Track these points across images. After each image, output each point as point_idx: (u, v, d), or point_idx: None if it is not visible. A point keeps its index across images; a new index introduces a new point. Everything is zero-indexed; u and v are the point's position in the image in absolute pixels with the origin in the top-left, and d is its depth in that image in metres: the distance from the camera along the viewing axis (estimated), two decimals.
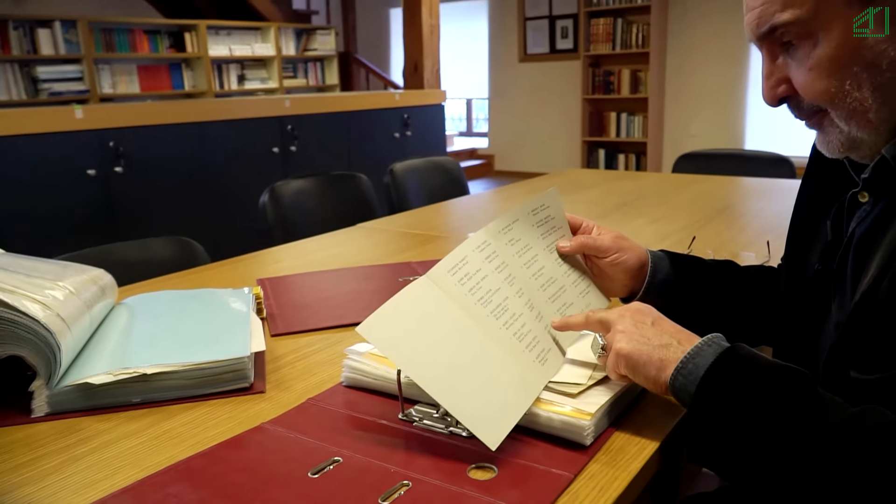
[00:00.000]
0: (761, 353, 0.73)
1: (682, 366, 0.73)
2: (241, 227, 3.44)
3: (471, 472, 0.70)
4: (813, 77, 0.72)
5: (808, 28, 0.70)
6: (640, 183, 2.55)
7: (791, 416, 0.65)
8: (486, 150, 8.69)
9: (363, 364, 0.89)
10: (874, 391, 0.67)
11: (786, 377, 0.69)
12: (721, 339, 0.75)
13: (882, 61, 0.68)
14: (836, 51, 0.69)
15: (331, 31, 7.75)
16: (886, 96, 0.70)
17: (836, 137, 0.75)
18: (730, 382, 0.70)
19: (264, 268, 1.54)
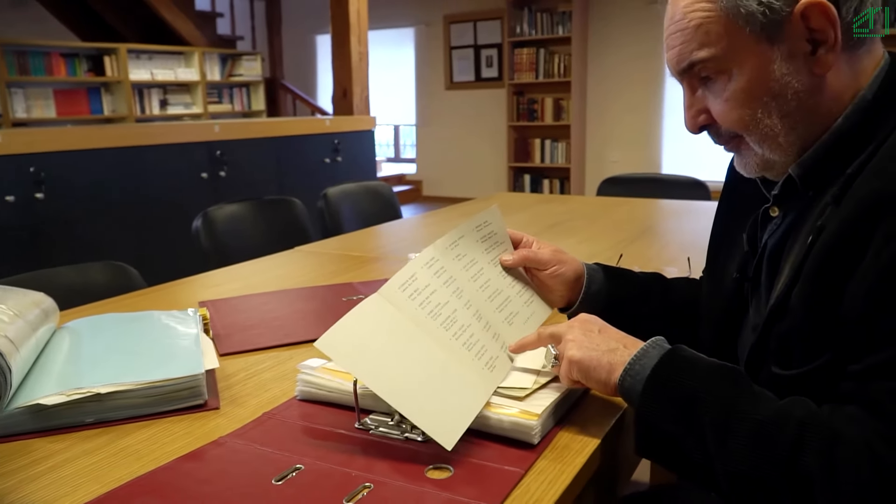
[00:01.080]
0: None
1: (630, 367, 0.80)
2: (173, 253, 3.37)
3: (429, 473, 0.74)
4: (729, 107, 0.80)
5: (722, 64, 0.79)
6: (567, 206, 2.66)
7: (727, 410, 0.72)
8: (413, 176, 8.78)
9: (317, 378, 0.92)
10: (794, 385, 0.75)
11: (723, 374, 0.76)
12: (664, 341, 0.82)
13: (788, 92, 0.77)
14: (748, 84, 0.78)
15: (256, 56, 7.72)
16: (793, 122, 0.79)
17: (753, 160, 0.83)
18: (673, 380, 0.76)
19: (204, 291, 1.55)
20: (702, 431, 0.72)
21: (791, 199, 0.83)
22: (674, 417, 0.75)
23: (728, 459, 0.71)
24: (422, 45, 8.34)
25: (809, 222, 0.79)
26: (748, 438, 0.70)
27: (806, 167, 0.80)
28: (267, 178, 4.17)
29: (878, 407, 0.66)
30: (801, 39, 0.75)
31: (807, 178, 0.80)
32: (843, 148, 0.76)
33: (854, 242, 0.68)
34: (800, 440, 0.68)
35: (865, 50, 0.78)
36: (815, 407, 0.71)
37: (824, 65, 0.76)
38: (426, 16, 8.20)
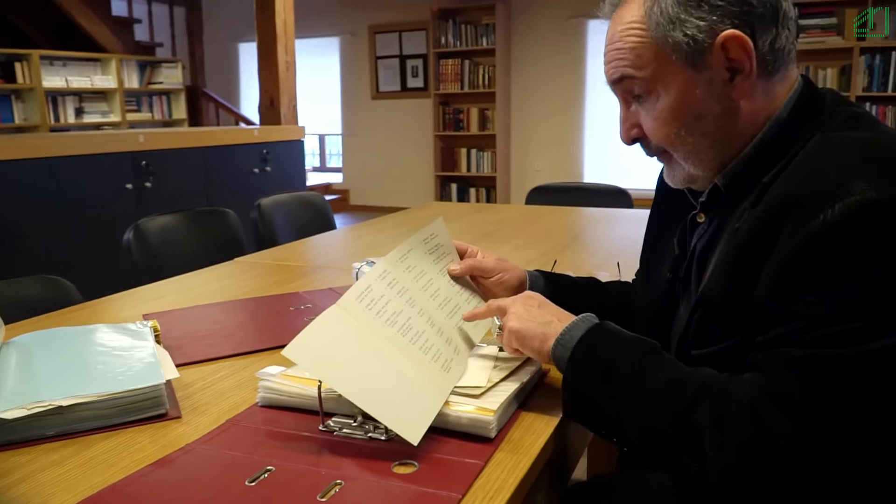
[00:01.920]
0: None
1: (561, 337, 0.90)
2: (101, 265, 3.29)
3: (395, 468, 0.79)
4: (657, 125, 0.89)
5: (651, 85, 0.88)
6: (499, 215, 2.74)
7: (640, 374, 0.83)
8: (340, 185, 8.76)
9: (279, 384, 0.96)
10: (708, 362, 0.85)
11: (640, 344, 0.87)
12: (593, 317, 0.93)
13: (708, 114, 0.87)
14: (673, 104, 0.87)
15: (177, 63, 7.57)
16: (713, 140, 0.88)
17: (680, 173, 0.93)
18: (596, 349, 0.88)
19: (146, 304, 1.54)
20: (617, 392, 0.83)
21: (716, 207, 0.92)
22: (594, 381, 0.85)
23: (637, 416, 0.81)
24: (347, 54, 8.35)
25: (731, 225, 0.89)
26: (654, 397, 0.81)
27: (730, 178, 0.89)
28: (195, 189, 4.11)
29: (766, 370, 0.76)
30: (720, 68, 0.84)
31: (730, 188, 0.89)
32: (761, 160, 0.86)
33: (763, 239, 0.77)
34: (696, 398, 0.78)
35: (780, 77, 0.87)
36: (716, 373, 0.81)
37: (741, 91, 0.85)
38: (351, 26, 8.23)
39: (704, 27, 0.83)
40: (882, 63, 5.77)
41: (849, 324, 0.70)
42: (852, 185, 0.71)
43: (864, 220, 0.70)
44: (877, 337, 0.69)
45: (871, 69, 5.81)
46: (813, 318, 0.72)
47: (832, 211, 0.71)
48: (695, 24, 0.83)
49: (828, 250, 0.71)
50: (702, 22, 0.83)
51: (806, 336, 0.73)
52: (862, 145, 0.78)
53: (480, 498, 0.74)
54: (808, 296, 0.73)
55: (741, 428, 0.74)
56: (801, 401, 0.72)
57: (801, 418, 0.71)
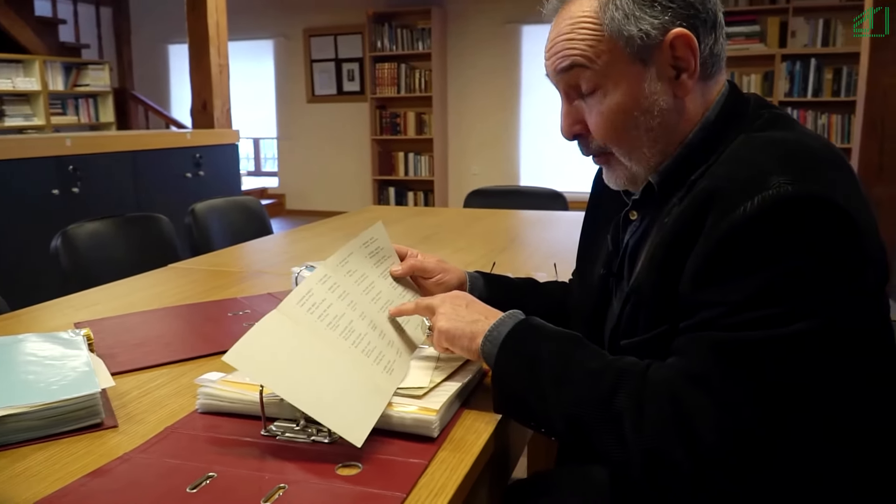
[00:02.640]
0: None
1: (489, 334, 0.93)
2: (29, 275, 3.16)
3: (339, 470, 0.80)
4: (603, 119, 0.92)
5: (600, 79, 0.90)
6: (438, 218, 2.76)
7: (563, 364, 0.86)
8: (276, 190, 8.65)
9: (219, 390, 0.95)
10: (636, 351, 0.88)
11: (564, 337, 0.90)
12: (520, 313, 0.95)
13: (654, 109, 0.90)
14: (622, 99, 0.90)
15: (104, 65, 7.34)
16: (656, 137, 0.92)
17: (622, 173, 0.96)
18: (522, 343, 0.90)
19: (78, 312, 1.50)
20: (541, 383, 0.86)
21: (648, 204, 0.96)
22: (521, 374, 0.88)
23: (561, 405, 0.84)
24: (281, 57, 8.25)
25: (660, 220, 0.92)
26: (577, 386, 0.83)
27: (663, 176, 0.93)
28: (125, 194, 3.99)
29: (686, 353, 0.80)
30: (667, 65, 0.89)
31: (663, 185, 0.93)
32: (691, 159, 0.90)
33: (688, 231, 0.81)
34: (616, 384, 0.81)
35: (714, 81, 0.93)
36: (637, 360, 0.84)
37: (685, 89, 0.89)
38: (285, 28, 8.13)
39: (657, 24, 0.87)
40: (802, 69, 6.05)
41: (763, 310, 0.74)
42: (770, 180, 0.75)
43: (780, 212, 0.74)
44: (789, 322, 0.73)
45: (792, 75, 6.08)
46: (731, 304, 0.76)
47: (751, 203, 0.75)
48: (649, 21, 0.87)
49: (746, 240, 0.75)
50: (655, 20, 0.87)
51: (724, 321, 0.76)
52: (780, 144, 0.82)
53: (424, 496, 0.75)
54: (727, 283, 0.77)
55: (659, 409, 0.77)
56: (716, 381, 0.75)
57: (717, 398, 0.75)
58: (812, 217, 0.74)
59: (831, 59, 6.00)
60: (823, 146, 0.84)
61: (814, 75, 6.03)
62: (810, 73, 6.03)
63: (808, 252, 0.74)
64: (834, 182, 0.77)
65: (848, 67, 5.90)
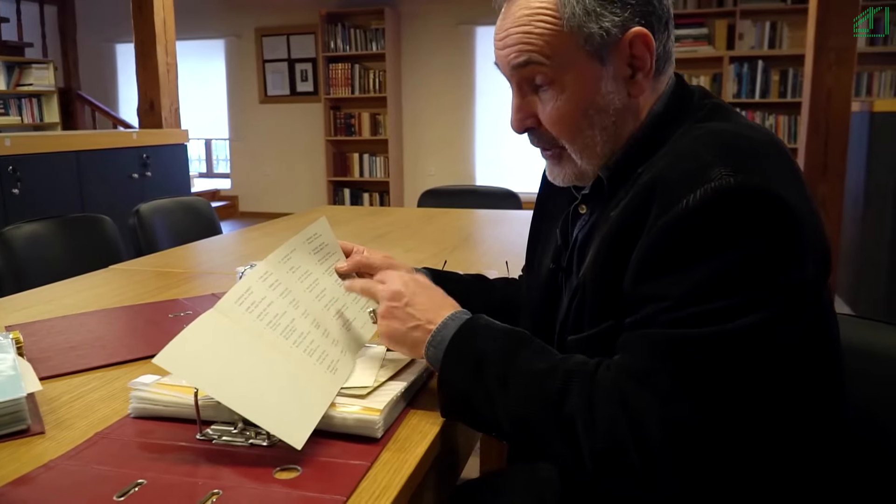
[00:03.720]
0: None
1: (432, 338, 0.90)
2: None
3: (277, 474, 0.76)
4: (558, 116, 0.90)
5: (557, 74, 0.88)
6: (390, 218, 2.73)
7: (509, 364, 0.84)
8: (229, 192, 8.50)
9: (152, 393, 0.90)
10: (582, 348, 0.87)
11: (510, 335, 0.88)
12: (464, 313, 0.93)
13: (609, 108, 0.89)
14: (577, 96, 0.88)
15: (48, 65, 7.12)
16: (608, 135, 0.90)
17: (570, 170, 0.94)
18: (467, 344, 0.88)
19: (10, 315, 1.43)
20: (488, 384, 0.83)
21: (597, 198, 0.95)
22: (466, 377, 0.85)
23: (508, 407, 0.82)
24: (233, 57, 8.11)
25: (607, 214, 0.91)
26: (524, 387, 0.81)
27: (612, 170, 0.92)
28: (68, 196, 3.86)
29: (631, 351, 0.78)
30: (624, 63, 0.87)
31: (612, 180, 0.92)
32: (639, 152, 0.89)
33: (632, 224, 0.80)
34: (565, 386, 0.79)
35: (664, 76, 0.92)
36: (586, 359, 0.83)
37: (639, 88, 0.88)
38: (236, 28, 8.00)
39: (618, 22, 0.85)
40: (749, 71, 6.18)
41: (707, 304, 0.73)
42: (711, 172, 0.74)
43: (722, 204, 0.73)
44: (733, 318, 0.72)
45: (740, 77, 6.21)
46: (673, 298, 0.75)
47: (693, 196, 0.74)
48: (609, 19, 0.85)
49: (688, 233, 0.74)
50: (616, 17, 0.85)
51: (666, 316, 0.75)
52: (721, 135, 0.81)
53: (366, 499, 0.72)
54: (669, 277, 0.76)
55: (608, 410, 0.75)
56: (662, 380, 0.74)
57: (663, 397, 0.73)
58: (754, 209, 0.73)
59: (778, 61, 6.14)
60: (764, 136, 0.83)
61: (761, 77, 6.16)
62: (757, 75, 6.17)
63: (749, 244, 0.73)
64: (774, 173, 0.77)
65: (794, 69, 6.05)
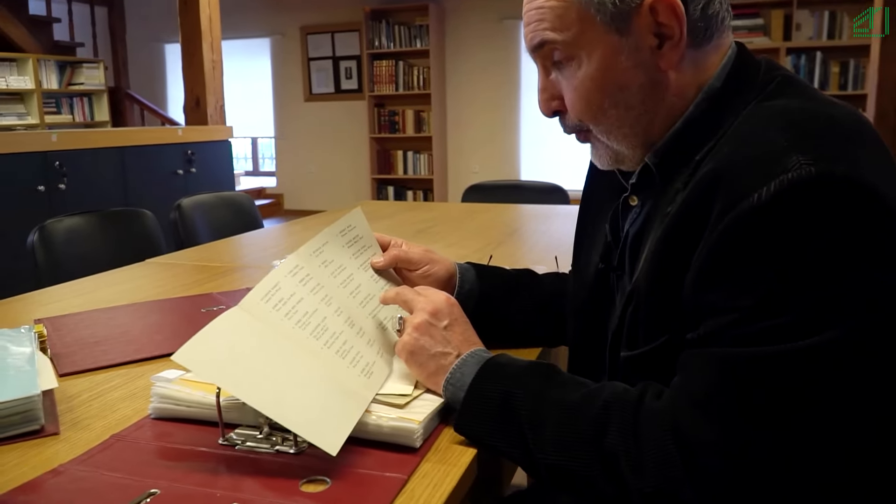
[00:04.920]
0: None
1: (451, 376, 0.81)
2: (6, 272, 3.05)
3: (303, 487, 0.69)
4: (578, 95, 0.80)
5: (572, 50, 0.79)
6: (432, 212, 2.65)
7: (539, 403, 0.74)
8: (274, 190, 8.54)
9: (174, 391, 0.84)
10: (638, 367, 0.76)
11: (535, 371, 0.78)
12: (483, 351, 0.83)
13: (633, 84, 0.78)
14: (595, 72, 0.78)
15: (98, 64, 7.23)
16: (637, 114, 0.80)
17: (605, 152, 0.84)
18: (488, 389, 0.77)
19: (40, 308, 1.39)
20: (519, 429, 0.74)
21: (648, 188, 0.84)
22: (492, 424, 0.76)
23: (543, 451, 0.72)
24: (278, 56, 8.14)
25: (663, 209, 0.81)
26: (557, 426, 0.71)
27: (661, 155, 0.81)
28: (112, 191, 3.88)
29: (690, 372, 0.68)
30: (648, 33, 0.76)
31: (662, 167, 0.81)
32: (693, 135, 0.78)
33: (692, 223, 0.69)
34: (604, 419, 0.69)
35: (712, 46, 0.79)
36: (626, 387, 0.72)
37: (669, 60, 0.77)
38: (282, 26, 8.03)
39: None
40: (807, 63, 5.93)
41: (783, 317, 0.62)
42: (787, 160, 0.63)
43: (801, 199, 0.62)
44: (814, 332, 0.61)
45: (797, 69, 5.96)
46: (742, 310, 0.64)
47: (766, 189, 0.63)
48: None
49: (758, 233, 0.63)
50: None
51: (733, 332, 0.65)
52: (798, 114, 0.70)
53: None
54: (737, 285, 0.65)
55: (659, 444, 0.65)
56: (726, 407, 0.63)
57: (727, 427, 0.63)
58: (840, 203, 0.62)
59: (837, 53, 5.88)
60: (848, 115, 0.71)
61: (820, 69, 5.91)
62: (816, 67, 5.91)
63: (835, 245, 0.62)
64: (864, 160, 0.65)
65: (855, 60, 5.78)
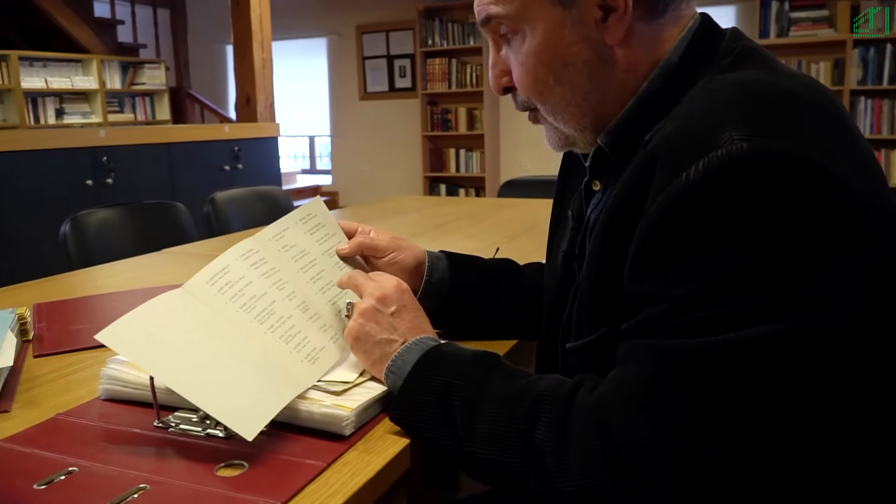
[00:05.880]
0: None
1: (392, 363, 0.77)
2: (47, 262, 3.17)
3: (219, 471, 0.67)
4: (523, 70, 0.77)
5: (517, 24, 0.75)
6: (461, 207, 2.62)
7: (476, 395, 0.70)
8: (330, 187, 8.65)
9: (122, 373, 0.84)
10: (581, 357, 0.72)
11: (477, 362, 0.73)
12: (430, 339, 0.79)
13: (578, 60, 0.74)
14: (539, 47, 0.74)
15: (160, 65, 7.46)
16: (584, 93, 0.75)
17: (554, 133, 0.80)
18: (428, 378, 0.73)
19: (47, 295, 1.42)
20: (453, 421, 0.70)
21: (609, 171, 0.79)
22: (427, 415, 0.72)
23: (474, 445, 0.68)
24: (334, 55, 8.24)
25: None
26: (489, 420, 0.67)
27: (613, 136, 0.76)
28: (158, 186, 3.98)
29: (623, 365, 0.63)
30: (592, 5, 0.72)
31: (616, 148, 0.76)
32: (646, 114, 0.73)
33: (631, 207, 0.64)
34: (534, 413, 0.65)
35: (669, 18, 0.74)
36: (562, 380, 0.68)
37: (615, 34, 0.72)
38: (338, 26, 8.12)
39: None
40: (876, 55, 5.65)
41: (715, 307, 0.58)
42: (721, 136, 0.58)
43: (732, 178, 0.57)
44: (751, 323, 0.56)
45: (865, 62, 5.69)
46: (675, 299, 0.60)
47: (696, 168, 0.58)
48: None
49: (689, 216, 0.59)
50: None
51: (668, 322, 0.60)
52: (748, 87, 0.64)
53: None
54: (670, 272, 0.60)
55: (585, 441, 0.61)
56: (657, 404, 0.59)
57: (654, 424, 0.59)
58: (776, 182, 0.57)
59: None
60: (809, 89, 0.65)
61: (890, 62, 5.61)
62: (886, 60, 5.62)
63: (772, 229, 0.57)
64: (814, 136, 0.59)
65: None
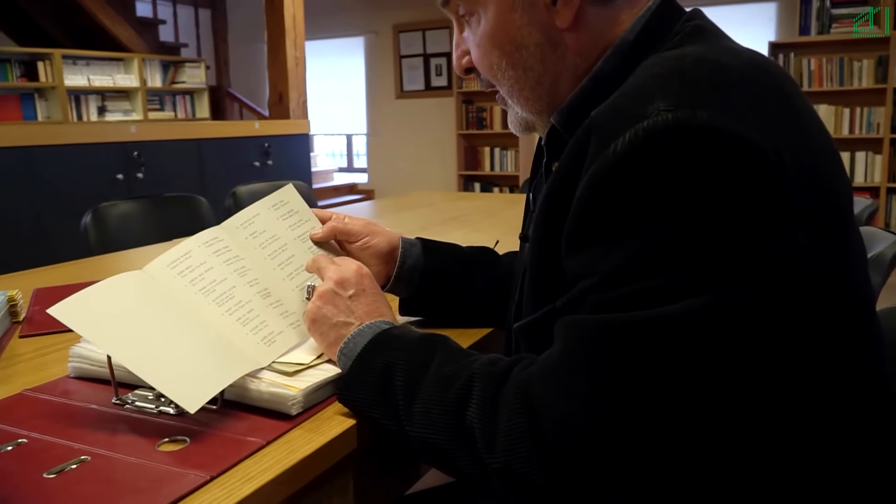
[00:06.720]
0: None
1: (345, 345, 0.77)
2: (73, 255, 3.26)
3: (161, 446, 0.68)
4: (480, 52, 0.77)
5: (472, 6, 0.75)
6: (475, 202, 2.62)
7: (417, 375, 0.69)
8: (365, 185, 8.72)
9: (88, 350, 0.86)
10: (525, 336, 0.71)
11: (423, 343, 0.73)
12: (383, 322, 0.78)
13: (530, 43, 0.74)
14: (491, 30, 0.74)
15: (200, 63, 7.61)
16: (538, 76, 0.75)
17: (514, 117, 0.80)
18: (374, 360, 0.73)
19: (54, 280, 1.47)
20: (394, 400, 0.69)
21: (561, 151, 0.78)
22: (371, 395, 0.71)
23: (411, 423, 0.67)
24: (372, 54, 8.30)
25: None
26: (426, 399, 0.67)
27: (565, 114, 0.75)
28: (188, 181, 4.06)
29: (554, 342, 0.62)
30: None
31: (568, 126, 0.75)
32: (599, 92, 0.71)
33: (567, 182, 0.63)
34: (466, 394, 0.64)
35: (623, 2, 0.73)
36: (499, 358, 0.67)
37: (564, 17, 0.71)
38: (375, 25, 8.18)
39: None
40: None
41: (640, 282, 0.57)
42: (649, 107, 0.57)
43: (657, 149, 0.56)
44: (674, 298, 0.55)
45: None
46: (602, 275, 0.59)
47: (623, 139, 0.57)
48: None
49: (615, 190, 0.58)
50: None
51: (594, 297, 0.59)
52: (684, 61, 0.63)
53: (237, 479, 0.62)
54: (596, 247, 0.59)
55: (513, 419, 0.60)
56: (581, 381, 0.58)
57: (579, 401, 0.58)
58: (700, 153, 0.55)
59: None
60: (745, 63, 0.63)
61: None
62: None
63: (696, 200, 0.55)
64: (743, 107, 0.58)
65: None
